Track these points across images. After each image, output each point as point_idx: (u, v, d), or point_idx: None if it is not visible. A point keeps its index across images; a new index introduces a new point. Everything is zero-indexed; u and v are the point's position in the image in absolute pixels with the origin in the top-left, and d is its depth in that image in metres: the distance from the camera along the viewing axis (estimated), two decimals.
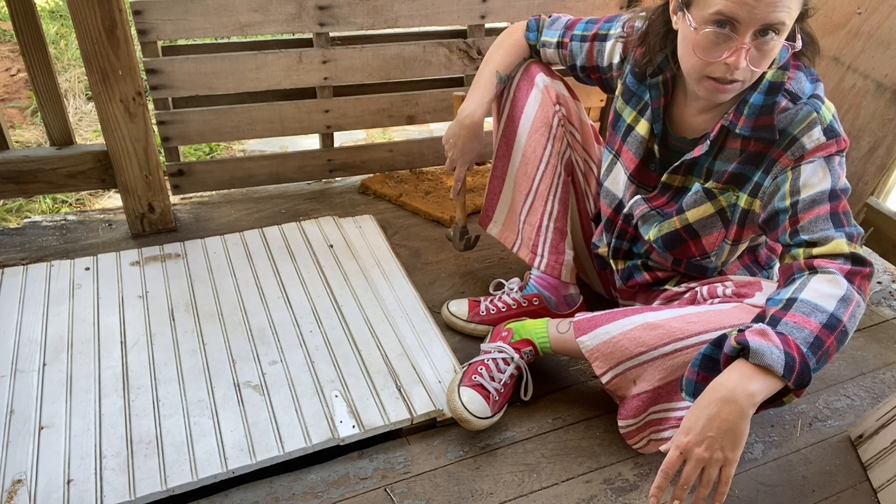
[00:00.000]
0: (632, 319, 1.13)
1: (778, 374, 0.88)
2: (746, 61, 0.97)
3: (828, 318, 0.92)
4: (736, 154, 1.10)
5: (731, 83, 1.01)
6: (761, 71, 1.01)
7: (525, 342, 1.26)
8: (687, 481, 0.90)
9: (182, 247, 1.59)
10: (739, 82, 1.02)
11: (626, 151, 1.26)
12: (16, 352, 1.28)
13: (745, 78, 1.01)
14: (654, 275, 1.31)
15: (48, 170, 1.56)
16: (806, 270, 0.98)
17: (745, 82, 1.03)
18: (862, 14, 1.60)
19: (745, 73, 1.00)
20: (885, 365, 1.47)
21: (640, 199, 1.24)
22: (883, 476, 1.18)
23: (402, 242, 1.73)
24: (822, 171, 1.01)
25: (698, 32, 0.99)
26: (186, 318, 1.38)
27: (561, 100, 1.35)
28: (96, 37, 1.38)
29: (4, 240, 1.62)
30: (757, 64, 0.99)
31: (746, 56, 0.97)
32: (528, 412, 1.29)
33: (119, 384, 1.23)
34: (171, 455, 1.11)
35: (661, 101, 1.17)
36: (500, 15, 1.84)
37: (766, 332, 0.91)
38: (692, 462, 0.90)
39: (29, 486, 1.05)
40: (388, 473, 1.16)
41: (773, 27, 0.95)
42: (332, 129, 1.86)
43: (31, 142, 2.41)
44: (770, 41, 0.97)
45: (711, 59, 0.99)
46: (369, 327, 1.41)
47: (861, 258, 0.97)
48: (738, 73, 1.00)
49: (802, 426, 1.31)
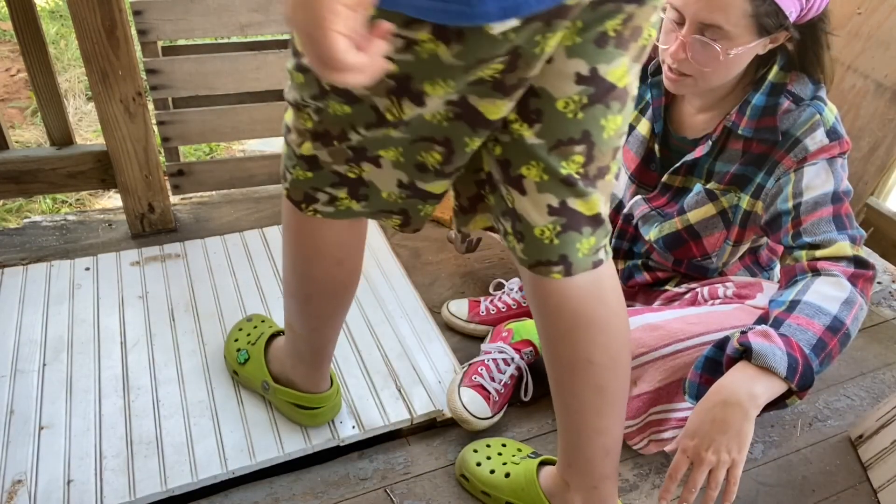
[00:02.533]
0: (632, 320, 1.12)
1: (781, 375, 0.88)
2: (686, 54, 1.01)
3: (831, 320, 0.92)
4: (738, 155, 1.10)
5: (681, 76, 1.04)
6: (708, 71, 1.02)
7: (525, 342, 1.26)
8: (695, 485, 0.90)
9: (182, 247, 1.59)
10: (691, 78, 1.04)
11: (627, 151, 1.26)
12: (16, 352, 1.28)
13: (693, 73, 1.03)
14: (654, 275, 1.31)
15: (48, 170, 1.56)
16: (809, 272, 0.98)
17: (698, 81, 1.04)
18: (862, 14, 1.60)
19: (689, 67, 1.02)
20: (885, 365, 1.47)
21: (640, 200, 1.24)
22: (883, 476, 1.18)
23: (402, 242, 1.73)
24: (825, 173, 1.01)
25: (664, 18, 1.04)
26: (186, 319, 1.38)
27: None
28: (96, 37, 1.38)
29: (4, 240, 1.62)
30: (698, 61, 1.01)
31: (686, 50, 1.01)
32: (528, 412, 1.29)
33: (119, 384, 1.23)
34: (171, 456, 1.11)
35: (662, 101, 1.17)
36: None
37: (769, 334, 0.91)
38: (701, 466, 0.90)
39: (29, 486, 1.05)
40: (388, 474, 1.16)
41: (709, 27, 0.98)
42: None
43: (31, 142, 2.41)
44: (706, 41, 0.98)
45: (662, 45, 1.05)
46: (369, 327, 1.41)
47: (864, 261, 0.97)
48: (683, 65, 1.03)
49: (802, 426, 1.31)
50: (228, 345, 1.27)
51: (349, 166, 0.84)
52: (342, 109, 0.77)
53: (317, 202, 0.88)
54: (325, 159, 0.83)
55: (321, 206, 0.88)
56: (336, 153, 0.82)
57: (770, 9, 0.95)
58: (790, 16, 0.96)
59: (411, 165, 0.82)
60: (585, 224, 0.82)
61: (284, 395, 1.16)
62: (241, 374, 1.23)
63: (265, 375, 1.18)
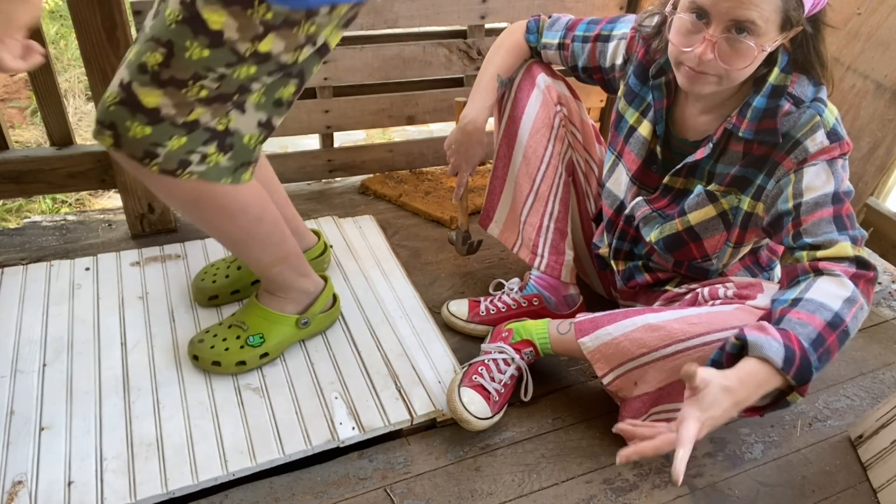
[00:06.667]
0: (633, 321, 1.13)
1: (777, 366, 0.88)
2: (714, 55, 0.98)
3: (832, 316, 0.92)
4: (738, 157, 1.10)
5: (705, 74, 1.02)
6: (736, 70, 1.00)
7: (525, 343, 1.26)
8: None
9: (182, 247, 1.59)
10: (714, 76, 1.02)
11: (629, 152, 1.26)
12: (16, 352, 1.28)
13: (718, 73, 1.01)
14: (654, 276, 1.31)
15: (48, 170, 1.56)
16: (811, 272, 0.98)
17: (722, 80, 1.02)
18: (862, 15, 1.60)
19: (716, 67, 1.00)
20: (884, 365, 1.47)
21: (641, 201, 1.24)
22: (883, 476, 1.18)
23: (402, 243, 1.73)
24: (826, 174, 1.01)
25: (677, 18, 1.02)
26: (187, 319, 1.38)
27: (562, 100, 1.35)
28: (96, 37, 1.38)
29: (4, 240, 1.62)
30: (727, 60, 0.99)
31: (713, 50, 0.98)
32: (528, 412, 1.29)
33: (119, 385, 1.23)
34: (171, 457, 1.11)
35: (664, 103, 1.17)
36: (500, 15, 1.83)
37: (765, 327, 0.92)
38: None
39: (29, 487, 1.05)
40: (388, 474, 1.16)
41: (742, 25, 0.96)
42: (332, 130, 1.86)
43: (31, 142, 2.41)
44: (739, 39, 0.97)
45: (683, 48, 1.02)
46: (369, 328, 1.41)
47: (865, 262, 0.98)
48: (709, 66, 1.00)
49: (802, 426, 1.32)
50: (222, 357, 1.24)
51: (220, 118, 0.99)
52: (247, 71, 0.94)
53: (190, 164, 1.00)
54: (205, 119, 0.97)
55: (195, 167, 1.00)
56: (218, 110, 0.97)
57: (795, 2, 0.96)
58: (806, 8, 0.97)
59: (270, 103, 1.02)
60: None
61: (319, 307, 1.31)
62: (273, 348, 1.28)
63: (292, 320, 1.29)
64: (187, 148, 0.97)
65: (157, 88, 0.92)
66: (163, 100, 0.93)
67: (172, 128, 0.95)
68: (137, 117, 0.94)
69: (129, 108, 0.93)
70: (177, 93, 0.92)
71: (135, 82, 0.92)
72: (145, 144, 0.95)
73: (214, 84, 0.93)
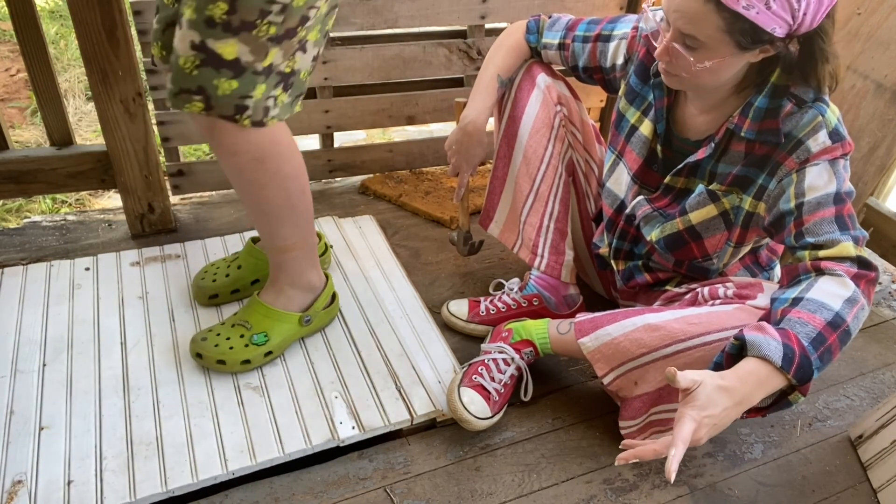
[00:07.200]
0: (633, 321, 1.13)
1: (776, 365, 0.88)
2: (668, 56, 1.03)
3: (833, 315, 0.92)
4: (740, 157, 1.10)
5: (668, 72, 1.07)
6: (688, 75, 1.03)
7: (525, 343, 1.26)
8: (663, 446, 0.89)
9: (182, 247, 1.59)
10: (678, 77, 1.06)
11: (630, 152, 1.26)
12: (16, 352, 1.28)
13: (678, 74, 1.05)
14: (654, 276, 1.31)
15: (48, 170, 1.56)
16: (813, 272, 0.98)
17: (687, 81, 1.06)
18: (862, 15, 1.60)
19: (674, 68, 1.05)
20: (884, 365, 1.47)
21: (642, 200, 1.24)
22: (883, 476, 1.18)
23: (402, 243, 1.73)
24: (827, 174, 1.01)
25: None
26: (187, 319, 1.38)
27: (562, 100, 1.35)
28: (96, 37, 1.38)
29: (4, 240, 1.62)
30: (672, 65, 1.04)
31: (668, 53, 1.03)
32: (528, 412, 1.29)
33: (119, 385, 1.23)
34: (171, 456, 1.11)
35: (665, 102, 1.17)
36: (500, 15, 1.83)
37: (763, 327, 0.93)
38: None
39: (29, 486, 1.05)
40: (387, 474, 1.16)
41: (684, 37, 0.99)
42: (332, 130, 1.86)
43: (31, 142, 2.41)
44: (678, 49, 1.00)
45: (655, 44, 1.06)
46: (369, 328, 1.41)
47: (867, 262, 0.98)
48: (669, 66, 1.05)
49: (802, 426, 1.32)
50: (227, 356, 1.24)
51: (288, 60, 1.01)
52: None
53: (270, 109, 1.02)
54: (277, 62, 0.99)
55: (273, 112, 1.02)
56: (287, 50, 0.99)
57: (745, 26, 0.93)
58: (774, 32, 0.94)
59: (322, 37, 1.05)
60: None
61: (321, 304, 1.32)
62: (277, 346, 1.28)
63: (295, 317, 1.29)
64: (267, 94, 1.00)
65: (232, 37, 0.93)
66: (240, 47, 0.94)
67: (254, 76, 0.97)
68: (223, 73, 0.95)
69: (212, 65, 0.94)
70: (249, 36, 0.93)
71: (209, 39, 0.93)
72: (234, 98, 0.97)
73: (279, 18, 0.94)
